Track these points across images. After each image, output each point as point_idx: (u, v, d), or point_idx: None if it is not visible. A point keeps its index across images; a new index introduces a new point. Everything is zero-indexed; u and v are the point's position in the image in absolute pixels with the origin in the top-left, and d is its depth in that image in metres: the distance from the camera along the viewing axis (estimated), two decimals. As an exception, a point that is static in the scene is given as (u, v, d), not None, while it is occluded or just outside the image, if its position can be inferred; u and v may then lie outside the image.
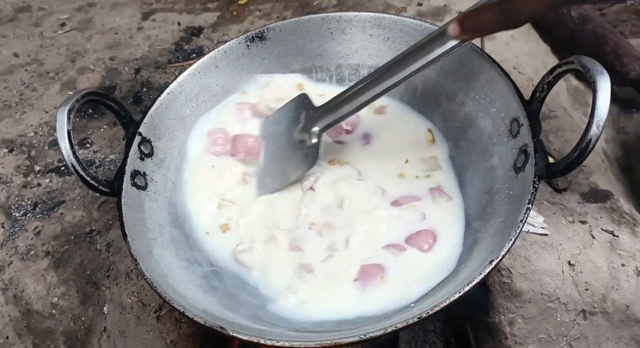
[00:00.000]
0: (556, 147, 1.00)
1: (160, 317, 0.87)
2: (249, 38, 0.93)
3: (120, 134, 1.14)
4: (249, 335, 0.60)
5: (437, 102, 0.89)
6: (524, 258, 0.82)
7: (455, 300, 0.59)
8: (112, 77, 1.30)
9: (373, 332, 0.58)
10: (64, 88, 1.29)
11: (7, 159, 1.13)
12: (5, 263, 0.97)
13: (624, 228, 0.85)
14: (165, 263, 0.74)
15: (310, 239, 0.79)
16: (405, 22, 0.89)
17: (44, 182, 1.08)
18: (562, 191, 0.91)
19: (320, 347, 0.58)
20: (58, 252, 0.97)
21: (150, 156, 0.83)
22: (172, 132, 0.88)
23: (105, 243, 0.95)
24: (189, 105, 0.90)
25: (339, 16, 0.93)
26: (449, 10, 1.29)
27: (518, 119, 0.73)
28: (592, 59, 0.63)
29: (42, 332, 0.93)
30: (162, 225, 0.80)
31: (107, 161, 1.09)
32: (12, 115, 1.23)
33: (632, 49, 1.31)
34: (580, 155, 0.61)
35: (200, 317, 0.62)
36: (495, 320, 0.83)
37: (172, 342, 0.85)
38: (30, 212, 1.03)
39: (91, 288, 0.92)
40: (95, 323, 0.91)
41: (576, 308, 0.81)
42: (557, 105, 1.10)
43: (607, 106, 0.60)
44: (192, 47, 1.36)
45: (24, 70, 1.36)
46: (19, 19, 1.55)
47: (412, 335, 0.95)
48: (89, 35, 1.45)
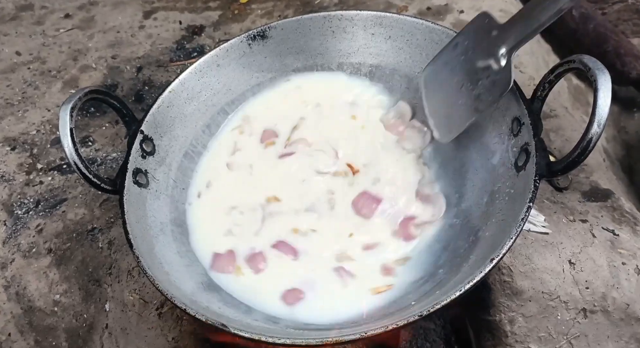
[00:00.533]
0: (557, 146, 1.00)
1: (162, 314, 0.87)
2: (251, 37, 0.93)
3: (122, 132, 1.14)
4: (250, 332, 0.60)
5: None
6: (525, 256, 0.82)
7: (456, 298, 0.59)
8: (114, 75, 1.30)
9: (374, 330, 0.58)
10: (66, 86, 1.30)
11: (10, 157, 1.13)
12: (7, 260, 0.97)
13: (625, 227, 0.85)
14: (167, 261, 0.74)
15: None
16: (406, 21, 0.89)
17: (46, 180, 1.08)
18: (563, 190, 0.91)
19: (322, 344, 0.59)
20: (60, 249, 0.97)
21: (152, 154, 0.83)
22: (174, 130, 0.88)
23: (107, 241, 0.96)
24: (191, 104, 0.91)
25: (340, 15, 0.93)
26: (451, 9, 1.29)
27: (519, 118, 0.73)
28: (593, 58, 0.64)
29: (44, 329, 0.93)
30: (163, 223, 0.80)
31: (108, 159, 1.10)
32: (15, 113, 1.24)
33: (633, 48, 1.30)
34: (581, 154, 0.62)
35: (202, 314, 0.62)
36: (496, 319, 0.83)
37: (174, 339, 0.86)
38: (32, 209, 1.03)
39: (93, 285, 0.93)
40: (97, 320, 0.91)
41: (576, 307, 0.81)
42: (558, 104, 1.10)
43: (608, 105, 0.60)
44: (194, 45, 1.36)
45: (26, 68, 1.36)
46: (21, 17, 1.55)
47: (413, 333, 0.95)
48: (91, 33, 1.45)
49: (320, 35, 0.95)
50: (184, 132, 0.90)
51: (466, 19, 1.24)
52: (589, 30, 1.30)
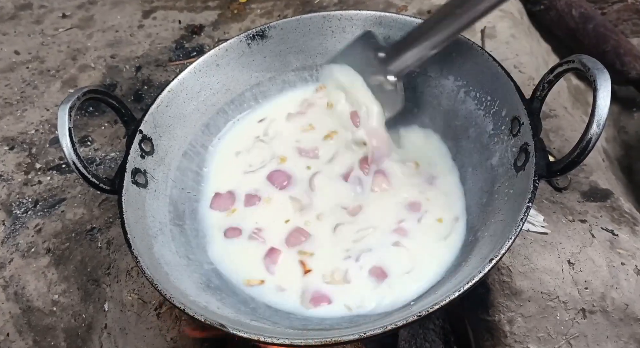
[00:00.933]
0: (556, 146, 1.00)
1: (161, 314, 0.87)
2: (250, 36, 0.93)
3: (121, 132, 1.14)
4: (249, 332, 0.60)
5: (438, 101, 0.89)
6: (524, 256, 0.82)
7: (455, 298, 0.59)
8: (113, 75, 1.30)
9: (373, 330, 0.58)
10: (64, 86, 1.29)
11: (8, 157, 1.13)
12: (6, 260, 0.97)
13: (624, 227, 0.85)
14: (165, 261, 0.74)
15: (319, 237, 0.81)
16: (406, 20, 0.89)
17: (44, 180, 1.08)
18: (562, 190, 0.91)
19: (321, 344, 0.59)
20: (59, 249, 0.97)
21: (151, 154, 0.83)
22: (173, 130, 0.88)
23: (105, 241, 0.96)
24: (190, 103, 0.90)
25: (340, 15, 0.93)
26: (450, 8, 1.29)
27: (519, 118, 0.73)
28: (592, 57, 0.63)
29: (43, 329, 0.93)
30: (162, 223, 0.80)
31: (107, 159, 1.10)
32: (13, 112, 1.24)
33: (632, 48, 1.31)
34: (581, 154, 0.61)
35: (201, 314, 0.62)
36: (495, 319, 0.83)
37: (172, 340, 0.85)
38: (31, 209, 1.03)
39: (92, 285, 0.93)
40: (96, 320, 0.91)
41: (576, 307, 0.81)
42: (558, 104, 1.10)
43: (607, 105, 0.60)
44: (193, 45, 1.36)
45: (24, 67, 1.36)
46: (20, 16, 1.55)
47: (412, 334, 0.95)
48: (90, 33, 1.45)
49: (320, 35, 0.94)
50: (183, 132, 0.89)
51: (466, 18, 1.24)
52: (588, 30, 1.30)
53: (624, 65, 1.28)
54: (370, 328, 0.59)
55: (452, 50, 0.84)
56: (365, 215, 0.82)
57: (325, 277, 0.76)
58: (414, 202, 0.82)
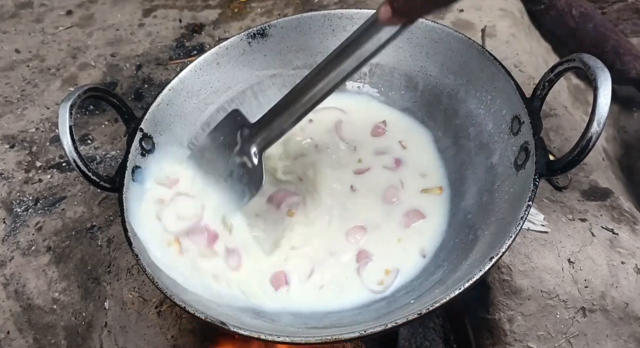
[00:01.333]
0: (556, 145, 1.00)
1: (161, 312, 0.87)
2: (251, 35, 0.93)
3: (121, 131, 1.14)
4: (249, 330, 0.60)
5: (438, 100, 0.89)
6: (524, 255, 0.82)
7: (455, 296, 0.59)
8: (113, 73, 1.30)
9: (373, 328, 0.58)
10: (65, 84, 1.29)
11: (9, 155, 1.13)
12: (6, 258, 0.97)
13: (624, 226, 0.86)
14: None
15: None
16: (406, 19, 0.89)
17: (45, 178, 1.08)
18: (562, 189, 0.91)
19: (321, 342, 0.59)
20: (59, 247, 0.97)
21: (151, 152, 0.83)
22: (173, 128, 0.88)
23: (106, 239, 0.96)
24: (190, 102, 0.90)
25: (340, 13, 0.93)
26: (451, 8, 1.29)
27: (519, 117, 0.73)
28: (593, 56, 0.63)
29: (43, 327, 0.93)
30: (163, 221, 0.80)
31: (108, 157, 1.10)
32: (14, 111, 1.24)
33: (632, 48, 1.31)
34: (581, 153, 0.62)
35: (202, 312, 0.62)
36: (495, 317, 0.83)
37: (173, 338, 0.86)
38: (31, 207, 1.03)
39: (92, 283, 0.93)
40: (96, 318, 0.91)
41: (575, 306, 0.81)
42: (558, 103, 1.10)
43: (607, 104, 0.60)
44: (193, 43, 1.36)
45: (25, 66, 1.36)
46: (20, 15, 1.55)
47: (412, 332, 0.95)
48: (90, 31, 1.45)
49: (321, 33, 0.94)
50: (183, 130, 0.89)
51: (466, 17, 1.24)
52: (588, 29, 1.30)
53: (624, 65, 1.28)
54: (370, 326, 0.59)
55: (452, 49, 0.85)
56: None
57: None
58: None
